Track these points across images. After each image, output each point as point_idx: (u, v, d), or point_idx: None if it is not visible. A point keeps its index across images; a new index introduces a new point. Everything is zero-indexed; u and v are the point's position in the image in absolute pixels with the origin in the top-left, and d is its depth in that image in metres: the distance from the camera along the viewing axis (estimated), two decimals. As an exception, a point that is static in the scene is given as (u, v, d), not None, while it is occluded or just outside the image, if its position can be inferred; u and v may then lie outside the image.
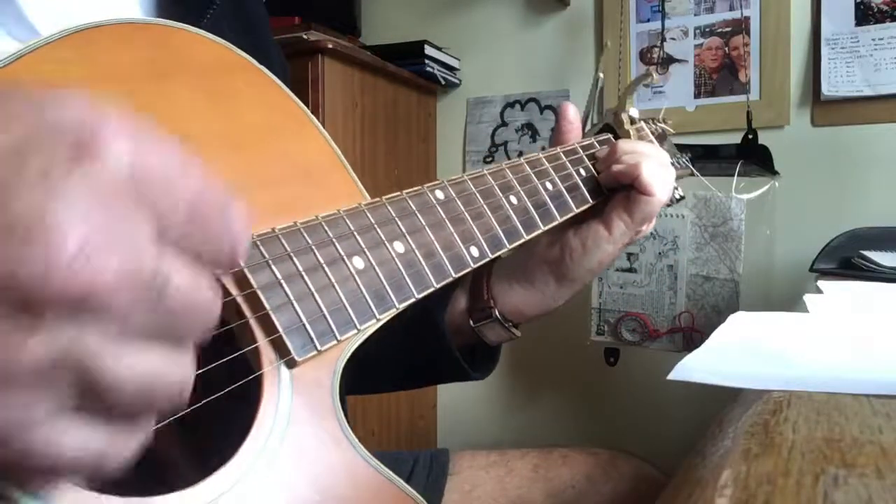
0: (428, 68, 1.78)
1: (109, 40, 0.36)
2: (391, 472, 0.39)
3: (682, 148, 0.83)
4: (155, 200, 0.22)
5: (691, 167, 0.80)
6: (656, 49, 1.70)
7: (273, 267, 0.37)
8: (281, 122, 0.44)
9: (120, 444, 0.23)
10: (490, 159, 1.90)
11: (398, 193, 0.46)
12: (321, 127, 0.45)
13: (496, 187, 0.54)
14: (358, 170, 0.46)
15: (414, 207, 0.46)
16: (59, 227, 0.19)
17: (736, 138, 1.41)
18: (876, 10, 1.50)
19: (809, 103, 1.58)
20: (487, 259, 0.50)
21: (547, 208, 0.57)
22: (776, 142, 1.48)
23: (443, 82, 1.87)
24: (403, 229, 0.45)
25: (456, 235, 0.48)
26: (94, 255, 0.20)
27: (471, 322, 0.64)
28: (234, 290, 0.36)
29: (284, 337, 0.36)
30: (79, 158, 0.20)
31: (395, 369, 0.68)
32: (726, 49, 1.65)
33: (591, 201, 0.62)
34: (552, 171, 0.59)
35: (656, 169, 0.60)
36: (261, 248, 0.37)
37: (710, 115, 1.65)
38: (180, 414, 0.32)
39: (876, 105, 1.51)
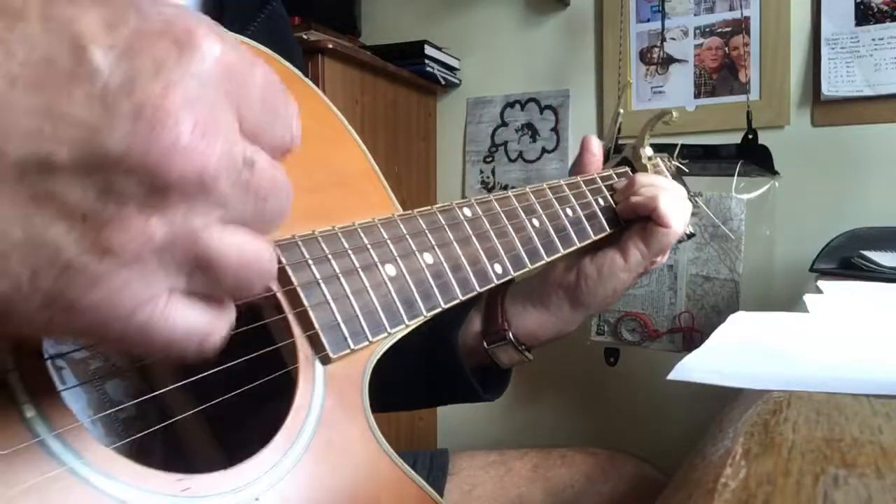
0: (428, 68, 1.78)
1: None
2: (413, 471, 0.40)
3: (681, 148, 0.84)
4: (237, 91, 0.24)
5: (701, 205, 0.81)
6: (656, 49, 1.70)
7: (313, 267, 0.39)
8: (323, 132, 0.46)
9: (219, 325, 0.26)
10: (490, 159, 1.90)
11: (429, 208, 0.49)
12: (359, 139, 0.48)
13: (520, 209, 0.56)
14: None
15: (443, 221, 0.49)
16: (179, 113, 0.21)
17: (736, 138, 1.41)
18: (876, 10, 1.50)
19: (809, 103, 1.58)
20: (510, 277, 0.52)
21: (567, 233, 0.59)
22: (776, 142, 1.48)
23: (443, 82, 1.87)
24: (433, 242, 0.47)
25: (482, 251, 0.50)
26: (205, 139, 0.22)
27: (485, 344, 0.65)
28: (274, 286, 0.38)
29: (321, 333, 0.38)
30: (181, 54, 0.22)
31: (409, 388, 0.69)
32: (726, 49, 1.65)
33: (608, 230, 0.64)
34: (573, 199, 0.62)
35: (673, 202, 0.62)
36: (302, 248, 0.39)
37: (710, 115, 1.65)
38: (212, 403, 0.35)
39: (876, 105, 1.51)
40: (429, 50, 1.79)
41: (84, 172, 0.21)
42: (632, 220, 0.65)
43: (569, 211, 0.60)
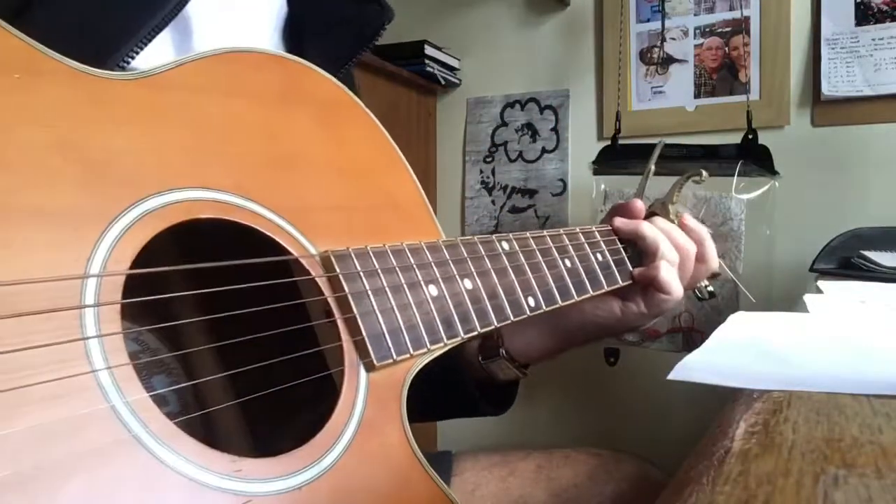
0: (428, 68, 1.78)
1: (248, 63, 0.43)
2: (442, 482, 0.42)
3: (681, 148, 0.84)
4: None
5: (726, 269, 0.81)
6: (656, 49, 1.70)
7: (363, 279, 0.42)
8: (379, 158, 0.50)
9: None
10: (490, 159, 1.90)
11: (470, 238, 0.52)
12: (409, 167, 0.52)
13: (554, 249, 0.59)
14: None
15: (483, 252, 0.52)
16: None
17: (736, 138, 1.41)
18: (876, 10, 1.50)
19: (809, 103, 1.58)
20: (542, 311, 0.54)
21: (595, 276, 0.62)
22: (776, 142, 1.47)
23: (443, 82, 1.87)
24: (473, 269, 0.50)
25: (517, 284, 0.53)
26: None
27: (479, 359, 0.67)
28: (326, 292, 0.40)
29: (367, 341, 0.40)
30: None
31: (434, 401, 0.70)
32: (726, 49, 1.65)
33: (633, 280, 0.66)
34: (603, 245, 0.64)
35: (670, 271, 0.64)
36: (354, 260, 0.42)
37: (710, 115, 1.65)
38: (251, 396, 0.37)
39: (876, 105, 1.51)
40: (429, 50, 1.79)
41: None
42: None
43: (599, 256, 0.63)
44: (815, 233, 1.28)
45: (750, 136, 1.39)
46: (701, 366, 0.43)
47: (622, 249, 0.66)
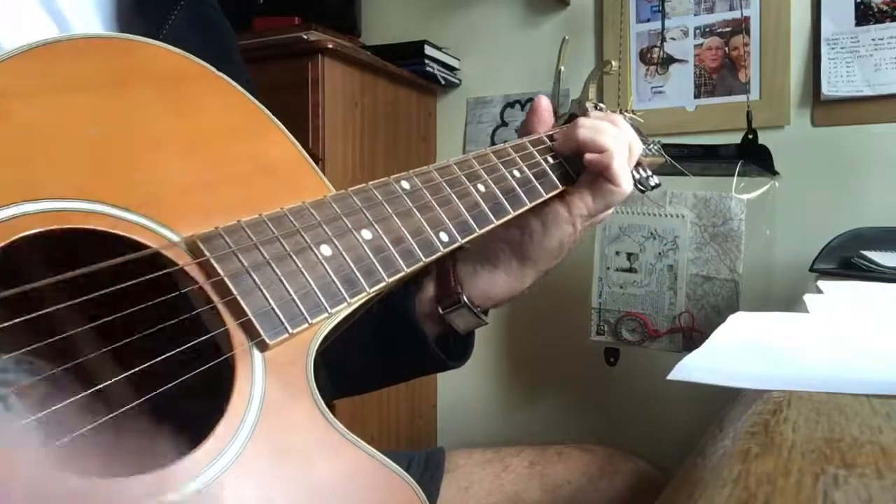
0: (428, 68, 1.78)
1: (70, 53, 0.38)
2: (368, 446, 0.39)
3: (681, 148, 0.84)
4: None
5: (663, 155, 0.80)
6: (656, 49, 1.69)
7: (239, 256, 0.38)
8: (242, 125, 0.45)
9: None
10: (490, 159, 1.90)
11: (363, 185, 0.48)
12: (284, 128, 0.47)
13: (462, 176, 0.55)
14: (358, 169, 0.48)
15: (380, 197, 0.48)
16: None
17: (736, 138, 1.41)
18: (876, 10, 1.50)
19: (809, 103, 1.58)
20: (458, 244, 0.51)
21: (516, 194, 0.58)
22: (776, 142, 1.47)
23: (443, 82, 1.87)
24: (370, 218, 0.46)
25: (424, 222, 0.49)
26: None
27: (439, 310, 0.64)
28: (200, 279, 0.37)
29: (254, 320, 0.37)
30: None
31: (372, 367, 0.68)
32: (726, 49, 1.65)
33: (560, 186, 0.63)
34: (520, 160, 0.61)
35: (623, 163, 0.61)
36: (226, 238, 0.38)
37: (710, 115, 1.65)
38: (146, 398, 0.34)
39: (876, 105, 1.51)
40: (429, 50, 1.79)
41: None
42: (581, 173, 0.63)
43: (516, 172, 0.59)
44: (815, 233, 1.28)
45: (750, 136, 1.39)
46: (701, 366, 0.43)
47: (543, 161, 0.63)
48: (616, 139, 0.63)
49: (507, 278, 0.65)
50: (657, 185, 0.74)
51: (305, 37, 1.45)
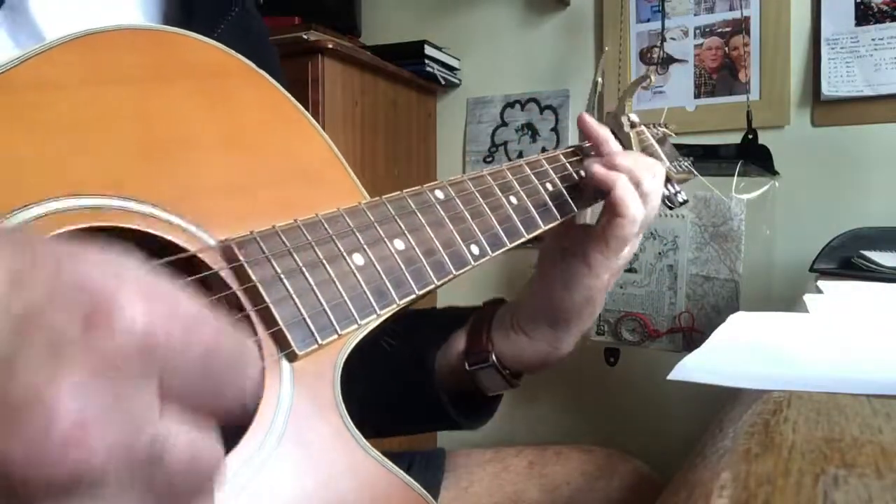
0: (428, 68, 1.78)
1: (112, 44, 0.37)
2: (392, 464, 0.39)
3: (681, 148, 0.83)
4: (165, 365, 0.21)
5: (693, 171, 0.80)
6: (656, 49, 1.69)
7: (273, 262, 0.38)
8: (280, 124, 0.44)
9: None
10: (490, 159, 1.90)
11: (398, 193, 0.47)
12: (320, 128, 0.46)
13: (496, 187, 0.54)
14: (358, 170, 0.47)
15: (413, 206, 0.47)
16: (54, 407, 0.18)
17: (736, 138, 1.41)
18: (876, 10, 1.50)
19: (809, 103, 1.58)
20: (488, 257, 0.50)
21: (547, 208, 0.57)
22: (776, 142, 1.48)
23: (443, 82, 1.87)
24: (403, 227, 0.45)
25: (456, 234, 0.48)
26: (89, 432, 0.19)
27: (466, 366, 0.61)
28: (234, 284, 0.37)
29: (285, 330, 0.37)
30: (90, 327, 0.19)
31: (386, 411, 0.65)
32: (726, 49, 1.65)
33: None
34: (552, 172, 0.59)
35: (627, 188, 0.56)
36: (261, 243, 0.38)
37: (710, 115, 1.65)
38: None
39: (876, 105, 1.51)
40: (429, 50, 1.79)
41: None
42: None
43: (549, 185, 0.58)
44: (815, 233, 1.28)
45: (750, 136, 1.39)
46: (701, 366, 0.43)
47: (576, 174, 0.60)
48: (621, 158, 0.60)
49: (541, 343, 0.62)
50: (685, 202, 0.73)
51: (305, 37, 1.45)
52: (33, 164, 0.33)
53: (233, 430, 0.35)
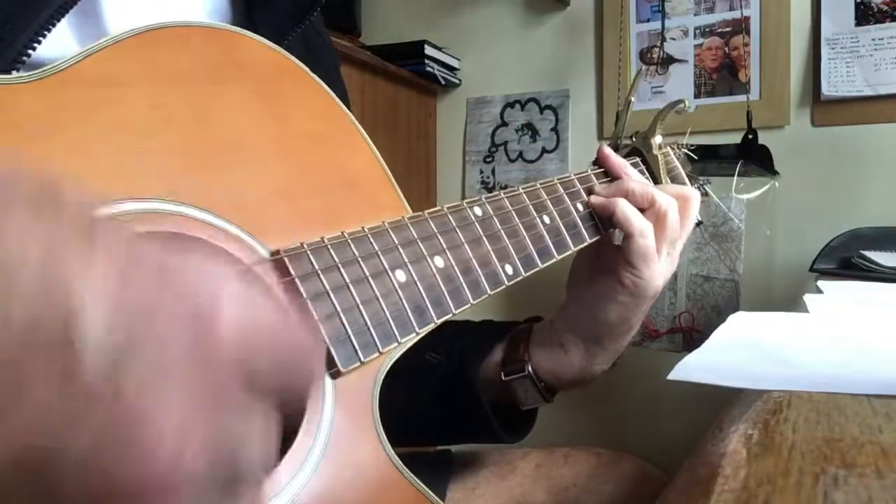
0: (428, 68, 1.78)
1: (171, 41, 0.38)
2: (425, 487, 0.40)
3: (681, 147, 0.84)
4: (255, 368, 0.22)
5: (709, 192, 0.80)
6: (656, 49, 1.70)
7: (322, 277, 0.38)
8: (331, 132, 0.45)
9: None
10: (490, 159, 1.90)
11: (440, 209, 0.48)
12: (369, 139, 0.46)
13: (531, 206, 0.55)
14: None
15: (454, 223, 0.48)
16: (162, 429, 0.19)
17: (736, 138, 1.41)
18: (876, 10, 1.50)
19: (809, 103, 1.58)
20: (521, 278, 0.51)
21: (577, 231, 0.58)
22: (776, 142, 1.48)
23: (443, 82, 1.87)
24: (444, 245, 0.46)
25: (492, 253, 0.49)
26: (189, 455, 0.19)
27: (502, 375, 0.62)
28: (283, 298, 0.37)
29: (331, 347, 0.37)
30: (194, 343, 0.20)
31: (420, 423, 0.66)
32: (726, 49, 1.65)
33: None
34: (583, 193, 0.61)
35: (629, 206, 0.58)
36: (311, 257, 0.38)
37: (710, 115, 1.65)
38: None
39: (876, 105, 1.51)
40: (429, 50, 1.79)
41: (18, 474, 0.18)
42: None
43: (580, 206, 0.59)
44: (815, 233, 1.28)
45: (750, 136, 1.39)
46: (701, 366, 0.43)
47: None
48: (625, 183, 0.61)
49: (574, 356, 0.63)
50: (699, 223, 0.73)
51: (305, 37, 1.45)
52: (96, 164, 0.33)
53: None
